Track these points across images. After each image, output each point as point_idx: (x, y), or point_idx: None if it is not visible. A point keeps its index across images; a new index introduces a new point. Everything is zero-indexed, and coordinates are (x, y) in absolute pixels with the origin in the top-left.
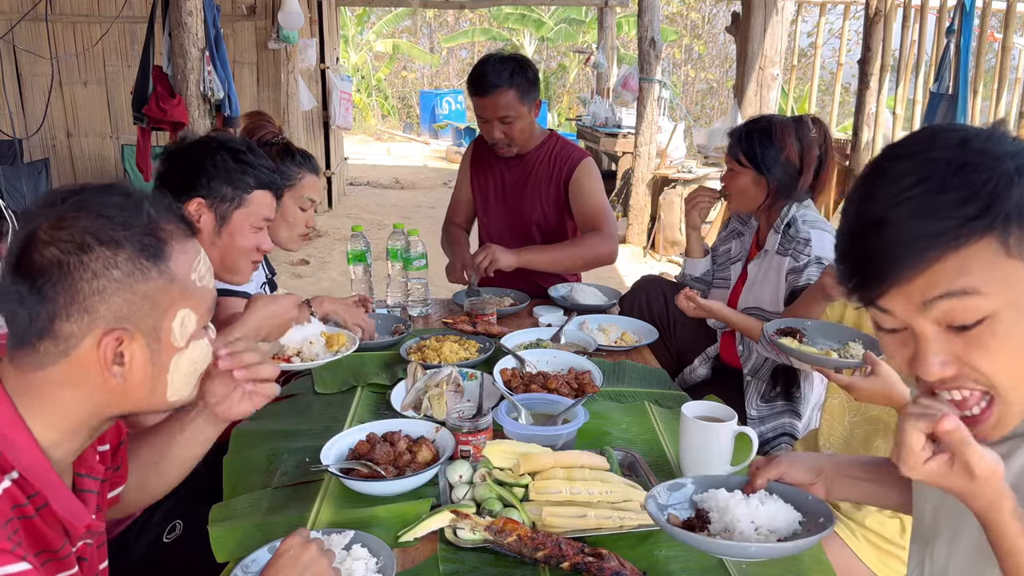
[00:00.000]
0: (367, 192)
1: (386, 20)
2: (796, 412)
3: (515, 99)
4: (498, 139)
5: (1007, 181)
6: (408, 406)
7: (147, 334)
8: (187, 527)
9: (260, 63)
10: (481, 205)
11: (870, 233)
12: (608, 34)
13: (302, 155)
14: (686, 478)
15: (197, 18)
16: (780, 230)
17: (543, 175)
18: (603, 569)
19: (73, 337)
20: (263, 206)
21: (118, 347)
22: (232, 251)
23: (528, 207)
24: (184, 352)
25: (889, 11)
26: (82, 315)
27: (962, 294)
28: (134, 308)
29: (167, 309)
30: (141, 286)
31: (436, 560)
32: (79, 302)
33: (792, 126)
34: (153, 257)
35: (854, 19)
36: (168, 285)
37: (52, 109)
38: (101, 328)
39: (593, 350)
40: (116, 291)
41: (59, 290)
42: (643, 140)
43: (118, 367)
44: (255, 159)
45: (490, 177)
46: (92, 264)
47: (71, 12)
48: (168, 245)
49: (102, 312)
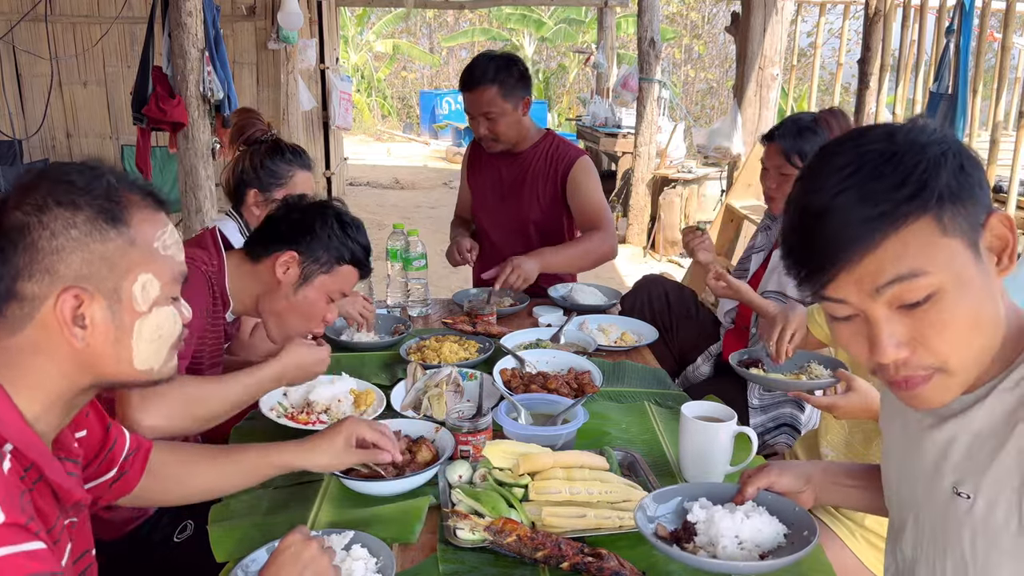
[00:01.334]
0: (367, 192)
1: (386, 20)
2: (798, 403)
3: (497, 95)
4: (483, 135)
5: (935, 164)
6: (408, 406)
7: (107, 295)
8: (198, 527)
9: (260, 63)
10: (479, 203)
11: (815, 223)
12: (608, 34)
13: (292, 151)
14: (675, 487)
15: (197, 18)
16: None
17: (540, 173)
18: (603, 569)
19: (36, 298)
20: (346, 280)
21: (78, 307)
22: (299, 312)
23: (526, 205)
24: (147, 316)
25: (889, 11)
26: (43, 275)
27: (911, 276)
28: (93, 268)
29: (127, 271)
30: (99, 246)
31: (436, 560)
32: (39, 261)
33: (834, 122)
34: (112, 220)
35: (854, 19)
36: (127, 248)
37: (52, 110)
38: (60, 287)
39: (593, 350)
40: (74, 250)
41: (19, 249)
42: (643, 140)
43: (80, 329)
44: (359, 236)
45: (487, 175)
46: (51, 224)
47: (71, 13)
48: (128, 211)
49: (61, 271)
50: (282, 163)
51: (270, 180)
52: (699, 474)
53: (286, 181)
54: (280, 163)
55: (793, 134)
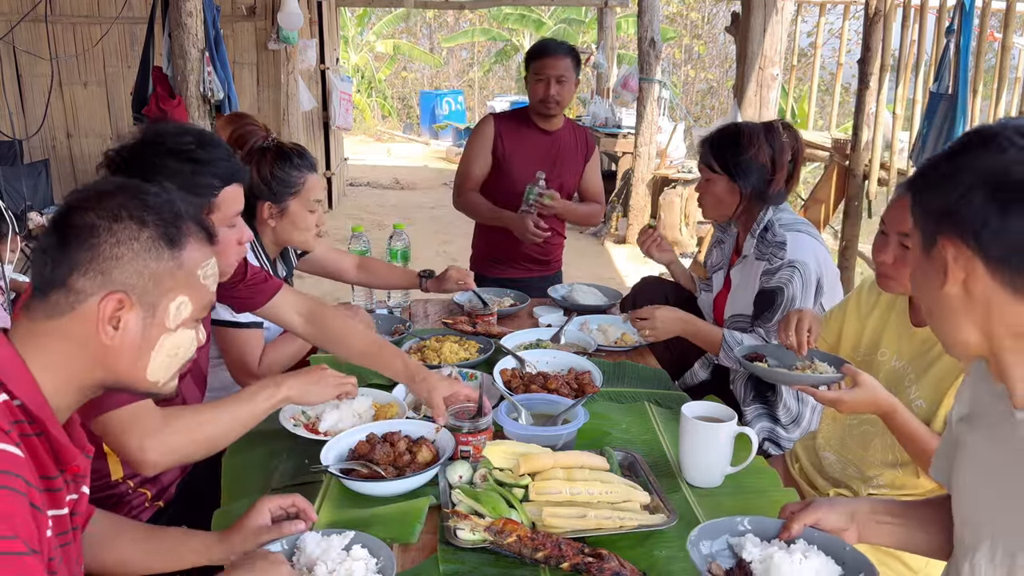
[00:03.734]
0: (367, 192)
1: (386, 20)
2: (774, 417)
3: (571, 66)
4: (551, 95)
5: None
6: (408, 406)
7: (145, 308)
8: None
9: (260, 64)
10: (519, 172)
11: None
12: (608, 34)
13: (298, 155)
14: (721, 521)
15: (197, 19)
16: (756, 235)
17: (572, 148)
18: (603, 569)
19: (83, 293)
20: (232, 203)
21: (117, 310)
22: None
23: (568, 176)
24: (172, 334)
25: (889, 11)
26: (96, 275)
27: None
28: (141, 281)
29: (169, 291)
30: (153, 263)
31: (436, 560)
32: (97, 262)
33: (761, 131)
34: (170, 242)
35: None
36: (176, 270)
37: (52, 110)
38: (108, 289)
39: (593, 350)
40: (131, 261)
41: (84, 247)
42: (643, 140)
43: (112, 329)
44: (208, 153)
45: (528, 148)
46: (119, 232)
47: (71, 13)
48: (186, 238)
49: (114, 276)
50: (292, 169)
51: (282, 189)
52: (699, 474)
53: (299, 188)
54: (290, 170)
55: (711, 142)
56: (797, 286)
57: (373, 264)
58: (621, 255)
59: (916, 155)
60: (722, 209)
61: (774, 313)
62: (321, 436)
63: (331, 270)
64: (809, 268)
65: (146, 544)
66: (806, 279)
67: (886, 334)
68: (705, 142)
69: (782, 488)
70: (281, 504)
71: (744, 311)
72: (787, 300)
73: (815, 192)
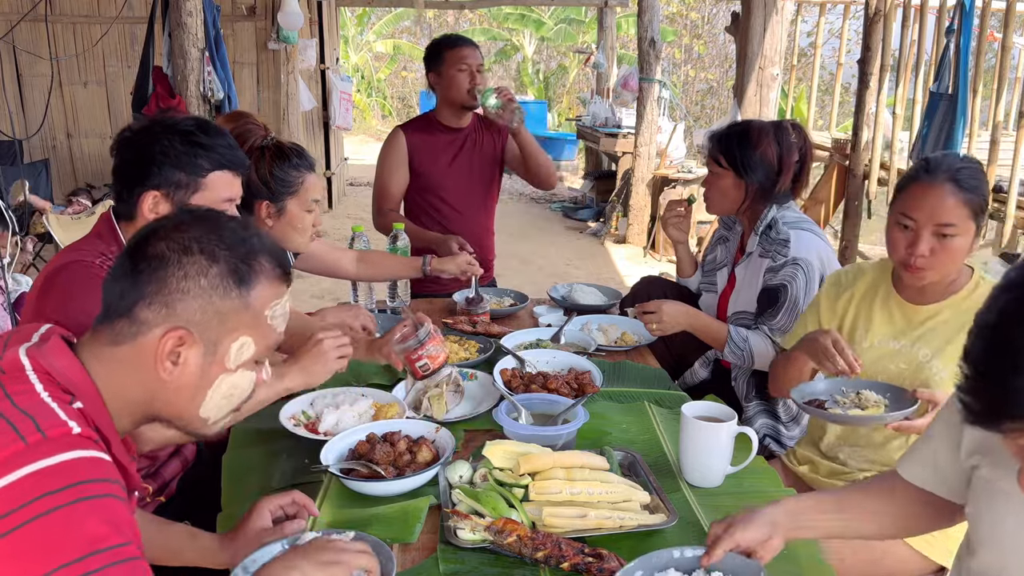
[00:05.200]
0: (367, 192)
1: (386, 20)
2: (774, 414)
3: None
4: (472, 87)
5: None
6: (408, 406)
7: (207, 345)
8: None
9: (260, 63)
10: (440, 181)
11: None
12: (608, 34)
13: (297, 154)
14: (642, 560)
15: (197, 18)
16: (761, 232)
17: (486, 134)
18: (603, 570)
19: (146, 324)
20: (222, 187)
21: (178, 346)
22: None
23: (488, 169)
24: (231, 375)
25: (889, 11)
26: (161, 307)
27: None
28: (206, 318)
29: (233, 330)
30: (219, 301)
31: (436, 560)
32: (164, 295)
33: (771, 129)
34: (240, 281)
35: (854, 19)
36: (243, 310)
37: (52, 110)
38: (171, 323)
39: (593, 350)
40: (197, 296)
41: (153, 278)
42: (643, 140)
43: (172, 364)
44: (209, 139)
45: (444, 155)
46: (187, 266)
47: (71, 13)
48: (256, 277)
49: (178, 310)
50: (291, 169)
51: (281, 189)
52: (699, 474)
53: (298, 188)
54: (289, 169)
55: (720, 137)
56: (800, 284)
57: (372, 256)
58: (621, 255)
59: (916, 155)
60: (727, 204)
61: (777, 311)
62: (321, 436)
63: (330, 267)
64: (812, 266)
65: (151, 535)
66: (809, 277)
67: (874, 322)
68: (714, 137)
69: (782, 488)
70: (280, 503)
71: (748, 308)
72: (790, 298)
73: (815, 192)
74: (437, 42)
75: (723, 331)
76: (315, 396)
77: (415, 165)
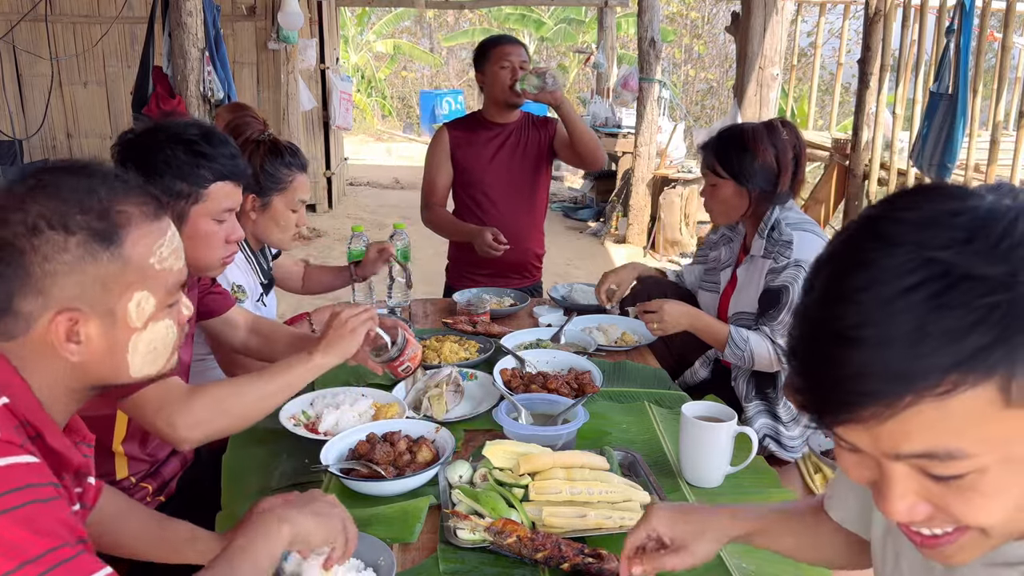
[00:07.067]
0: (367, 192)
1: (386, 20)
2: (775, 414)
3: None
4: (516, 80)
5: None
6: (408, 406)
7: (102, 315)
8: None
9: (260, 63)
10: (482, 176)
11: (833, 349)
12: (608, 34)
13: (291, 152)
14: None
15: (197, 18)
16: (764, 234)
17: (533, 129)
18: (603, 570)
19: (31, 316)
20: (223, 198)
21: (73, 327)
22: (197, 247)
23: (532, 165)
24: (142, 333)
25: (889, 11)
26: (36, 296)
27: (947, 457)
28: (86, 290)
29: (122, 292)
30: (92, 268)
31: (436, 560)
32: (31, 284)
33: (763, 131)
34: (105, 241)
35: (854, 19)
36: (122, 268)
37: (52, 110)
38: (54, 309)
39: (593, 350)
40: (67, 274)
41: (13, 269)
42: (643, 140)
43: (74, 345)
44: (212, 149)
45: (487, 150)
46: (43, 247)
47: (71, 13)
48: (124, 229)
49: (55, 294)
50: (282, 166)
51: (269, 184)
52: (699, 474)
53: (286, 186)
54: (280, 166)
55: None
56: (802, 286)
57: (313, 272)
58: (621, 255)
59: (916, 155)
60: (731, 214)
61: (778, 312)
62: (321, 436)
63: (282, 278)
64: None
65: (153, 532)
66: None
67: None
68: (707, 146)
69: (782, 488)
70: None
71: (749, 308)
72: (792, 299)
73: (815, 192)
74: (483, 42)
75: (724, 331)
76: (315, 396)
77: (457, 160)
